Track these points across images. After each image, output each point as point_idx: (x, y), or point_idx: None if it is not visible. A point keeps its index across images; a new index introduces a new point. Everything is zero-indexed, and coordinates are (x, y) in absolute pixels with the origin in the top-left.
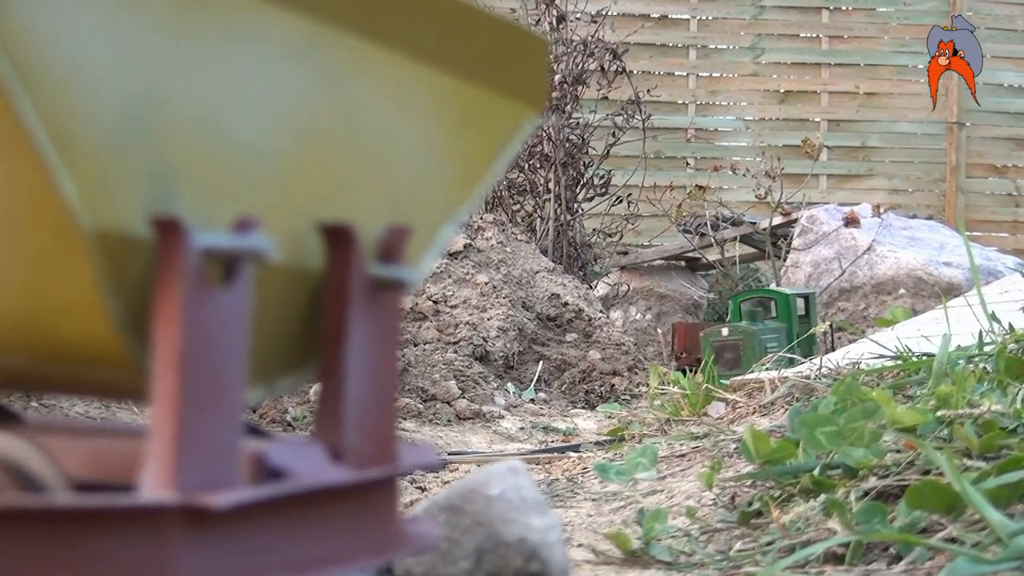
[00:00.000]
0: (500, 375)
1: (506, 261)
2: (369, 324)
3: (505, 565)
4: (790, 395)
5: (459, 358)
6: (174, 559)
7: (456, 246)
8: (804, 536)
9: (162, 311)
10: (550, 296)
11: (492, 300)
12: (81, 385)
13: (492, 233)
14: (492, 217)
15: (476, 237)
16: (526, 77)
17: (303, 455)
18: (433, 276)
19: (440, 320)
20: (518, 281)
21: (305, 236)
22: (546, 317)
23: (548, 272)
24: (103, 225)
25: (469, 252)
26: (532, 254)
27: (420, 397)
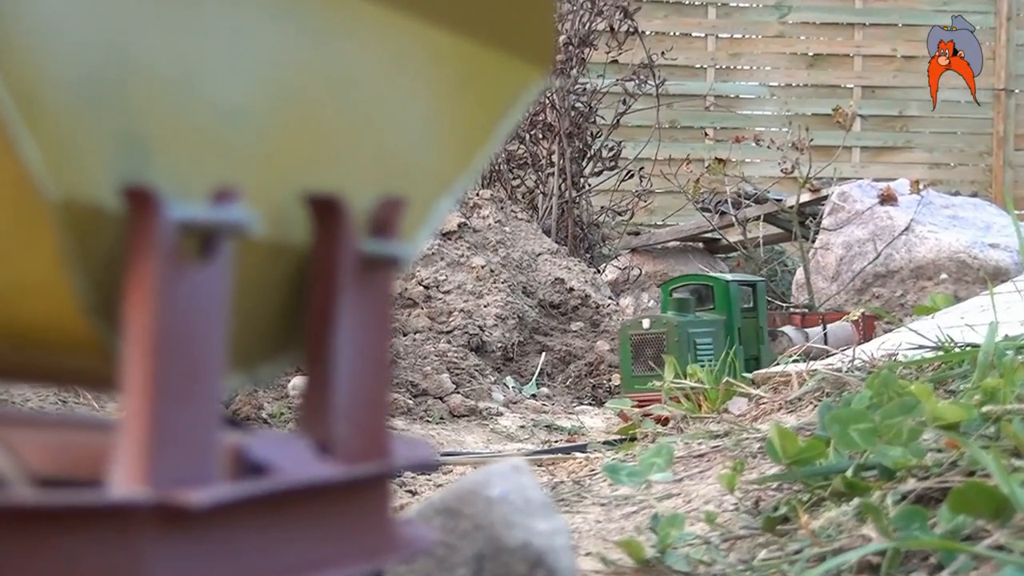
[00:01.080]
0: (498, 368)
1: (505, 242)
2: (359, 305)
3: (508, 573)
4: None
5: (453, 349)
6: (146, 562)
7: (450, 225)
8: (836, 544)
9: (133, 290)
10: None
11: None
12: (44, 373)
13: (489, 211)
14: (489, 193)
15: (472, 215)
16: (531, 35)
17: (287, 449)
18: (424, 259)
19: (432, 307)
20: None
21: (289, 208)
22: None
23: (551, 254)
24: (68, 195)
25: (464, 232)
26: (534, 234)
27: (410, 392)
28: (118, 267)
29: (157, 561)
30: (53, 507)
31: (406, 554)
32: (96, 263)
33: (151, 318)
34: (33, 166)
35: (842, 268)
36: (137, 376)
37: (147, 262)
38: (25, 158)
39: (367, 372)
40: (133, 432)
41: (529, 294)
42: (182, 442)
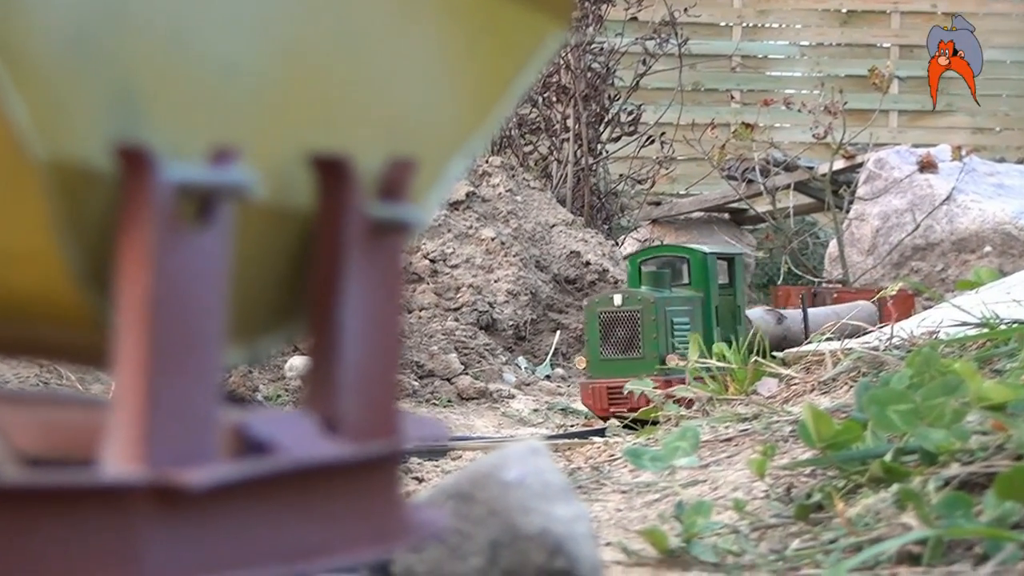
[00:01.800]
0: (510, 347)
1: (516, 213)
2: (368, 272)
3: (524, 562)
4: (855, 369)
5: (461, 327)
6: (142, 545)
7: (457, 195)
8: (874, 532)
9: (127, 257)
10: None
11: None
12: (30, 346)
13: (500, 179)
14: (500, 160)
15: (481, 184)
16: None
17: (291, 427)
18: (430, 230)
19: (439, 282)
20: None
21: (293, 170)
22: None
23: (566, 226)
24: (58, 155)
25: (473, 202)
26: (547, 204)
27: (415, 373)
28: (110, 232)
29: (153, 545)
30: (43, 488)
31: (416, 540)
32: (87, 228)
33: (146, 286)
34: (19, 124)
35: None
36: (131, 348)
37: (142, 226)
38: (10, 115)
39: (375, 344)
40: (127, 408)
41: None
42: (179, 418)
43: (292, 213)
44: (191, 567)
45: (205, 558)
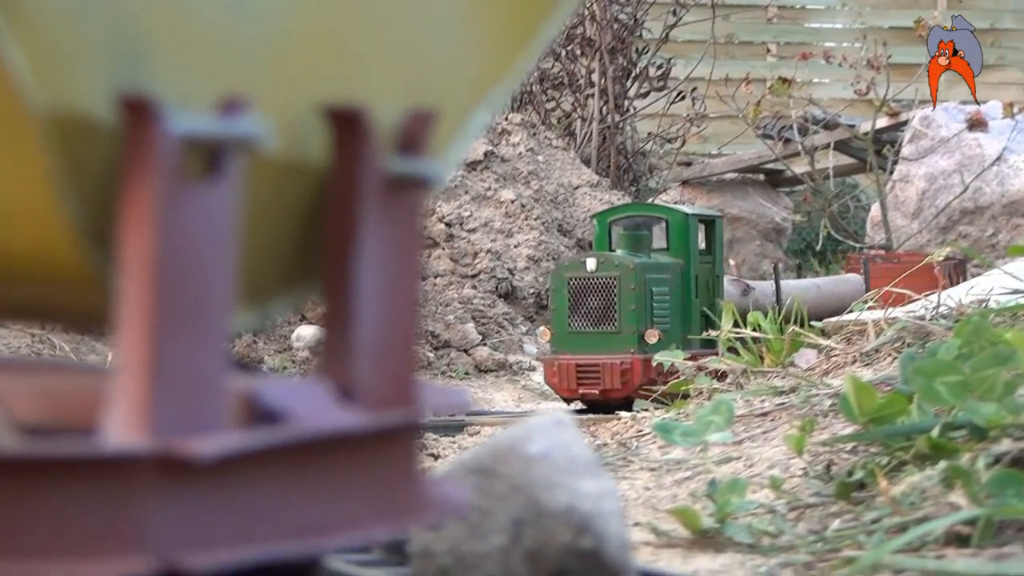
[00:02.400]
0: (530, 317)
1: (538, 173)
2: (385, 230)
3: (549, 540)
4: (900, 340)
5: (479, 295)
6: (145, 520)
7: (475, 154)
8: (919, 512)
9: (130, 213)
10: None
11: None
12: (28, 308)
13: (520, 138)
14: (520, 118)
15: (500, 143)
16: None
17: (304, 395)
18: (446, 192)
19: (455, 247)
20: (553, 199)
21: (306, 122)
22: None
23: (591, 187)
24: (58, 105)
25: (491, 162)
26: (571, 164)
27: (431, 344)
28: (113, 187)
29: (158, 519)
30: (41, 459)
31: (435, 517)
32: (88, 183)
33: (150, 244)
34: (16, 72)
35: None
36: (135, 310)
37: (146, 181)
38: (6, 63)
39: (392, 308)
40: (131, 374)
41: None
42: (186, 385)
43: (305, 168)
44: (197, 543)
45: (212, 534)
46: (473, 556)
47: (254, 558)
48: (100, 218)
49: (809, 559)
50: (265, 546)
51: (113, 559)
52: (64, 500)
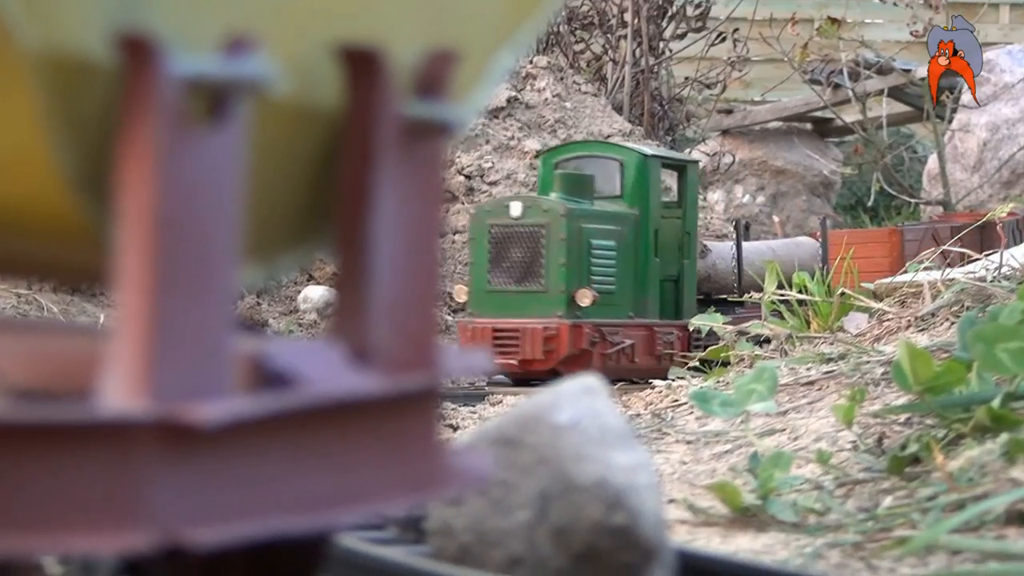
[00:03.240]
0: None
1: (565, 121)
2: (403, 179)
3: (578, 516)
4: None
5: None
6: (146, 490)
7: (497, 100)
8: (978, 489)
9: (129, 161)
10: None
11: None
12: (18, 264)
13: (546, 82)
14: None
15: (524, 88)
16: None
17: (315, 358)
18: (466, 142)
19: (475, 201)
20: None
21: (318, 63)
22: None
23: (623, 137)
24: (50, 45)
25: (515, 108)
26: (601, 111)
27: (447, 307)
28: (110, 134)
29: (160, 490)
30: (33, 424)
31: (456, 490)
32: (84, 128)
33: (151, 195)
34: (6, 8)
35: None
36: (134, 266)
37: (146, 126)
38: None
39: (412, 262)
40: (130, 334)
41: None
42: (189, 346)
43: (316, 113)
44: (201, 516)
45: (217, 506)
46: (496, 533)
47: (262, 533)
48: (96, 167)
49: (858, 539)
50: (273, 520)
51: (112, 533)
52: (58, 469)
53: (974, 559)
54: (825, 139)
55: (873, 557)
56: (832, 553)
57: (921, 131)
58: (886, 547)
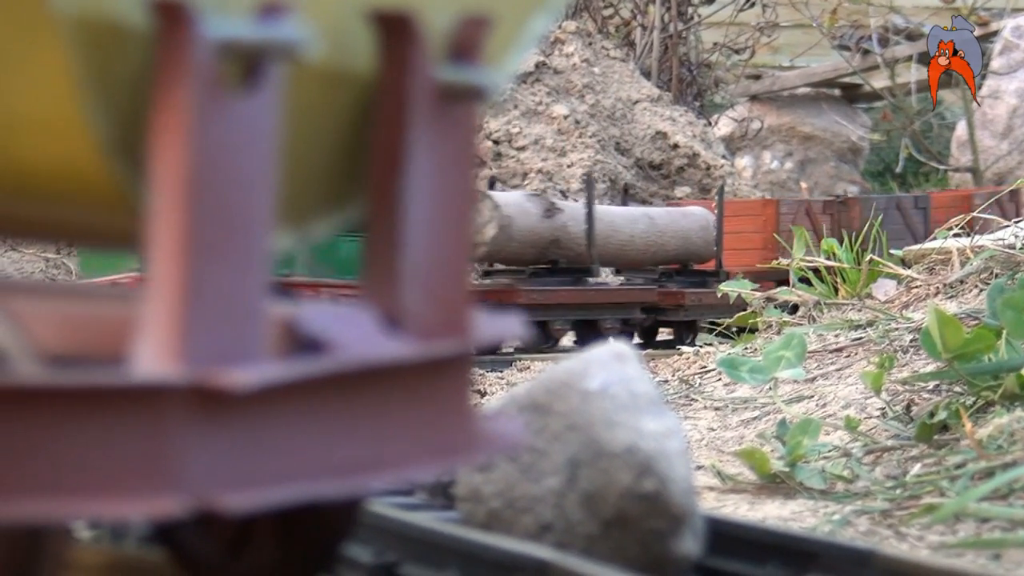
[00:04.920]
0: None
1: (593, 87)
2: (436, 144)
3: (608, 483)
4: (987, 270)
5: None
6: (178, 454)
7: (525, 65)
8: (1008, 456)
9: (163, 124)
10: (654, 135)
11: (574, 140)
12: (52, 228)
13: (575, 48)
14: (575, 26)
15: (553, 53)
16: None
17: (348, 322)
18: (494, 107)
19: (503, 167)
20: (610, 114)
21: (351, 28)
22: (648, 164)
23: (651, 102)
24: (85, 8)
25: (543, 74)
26: (629, 77)
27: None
28: (144, 97)
29: (193, 455)
30: (67, 388)
31: (487, 455)
32: (117, 92)
33: (184, 159)
34: None
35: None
36: (167, 230)
37: (180, 90)
38: None
39: (444, 227)
40: (163, 299)
41: (623, 151)
42: (222, 311)
43: (350, 77)
44: (234, 481)
45: (249, 471)
46: (525, 499)
47: (294, 498)
48: (130, 131)
49: (887, 506)
50: (306, 485)
51: (145, 497)
52: (91, 434)
53: (1003, 527)
54: (853, 105)
55: (901, 524)
56: (860, 520)
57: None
58: (914, 514)
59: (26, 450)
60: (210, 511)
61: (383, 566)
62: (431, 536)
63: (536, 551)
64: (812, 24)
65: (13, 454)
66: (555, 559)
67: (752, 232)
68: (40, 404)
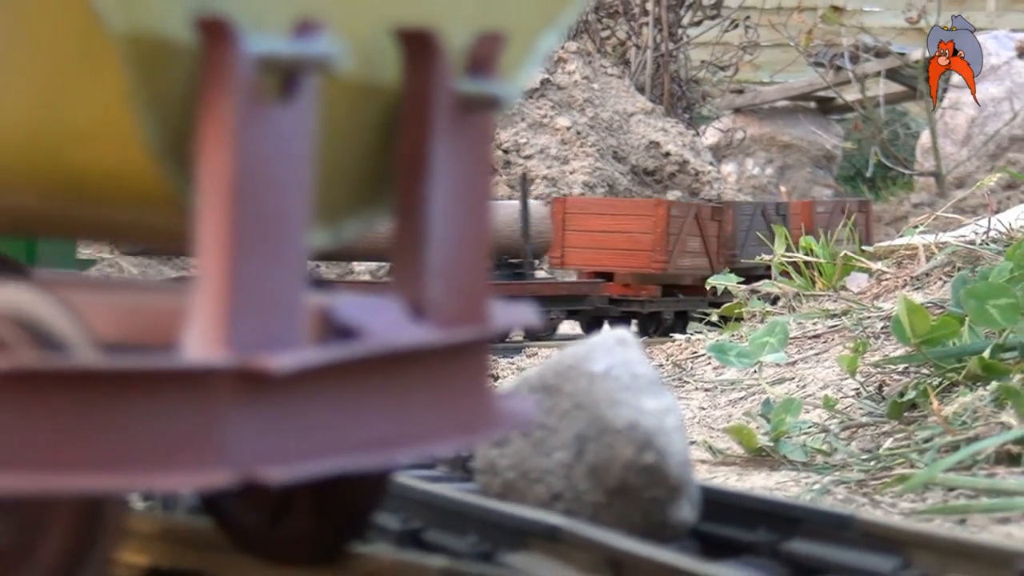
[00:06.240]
0: None
1: (593, 101)
2: (456, 150)
3: (612, 456)
4: (950, 264)
5: None
6: (225, 432)
7: (531, 82)
8: (970, 431)
9: (208, 133)
10: (648, 144)
11: (575, 149)
12: (106, 228)
13: (576, 66)
14: (576, 46)
15: (556, 71)
16: None
17: (378, 311)
18: (503, 120)
19: (512, 173)
20: (608, 126)
21: (378, 44)
22: (643, 171)
23: (645, 114)
24: (136, 27)
25: (547, 89)
26: (625, 92)
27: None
28: (191, 108)
29: (236, 430)
30: (122, 371)
31: (504, 431)
32: (166, 103)
33: (228, 162)
34: None
35: (973, 131)
36: (213, 228)
37: (223, 101)
38: None
39: (464, 225)
40: (209, 291)
41: (620, 159)
42: (263, 302)
43: (378, 88)
44: (274, 456)
45: (287, 446)
46: (537, 471)
47: (328, 470)
48: (178, 139)
49: (862, 477)
50: (339, 459)
51: (194, 471)
52: (145, 414)
53: (967, 495)
54: (828, 116)
55: (875, 493)
56: (838, 489)
57: (914, 109)
58: (887, 484)
59: (88, 429)
60: (253, 483)
61: (409, 532)
62: (452, 505)
63: (548, 518)
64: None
65: (77, 433)
66: (565, 525)
67: (642, 233)
68: (100, 387)
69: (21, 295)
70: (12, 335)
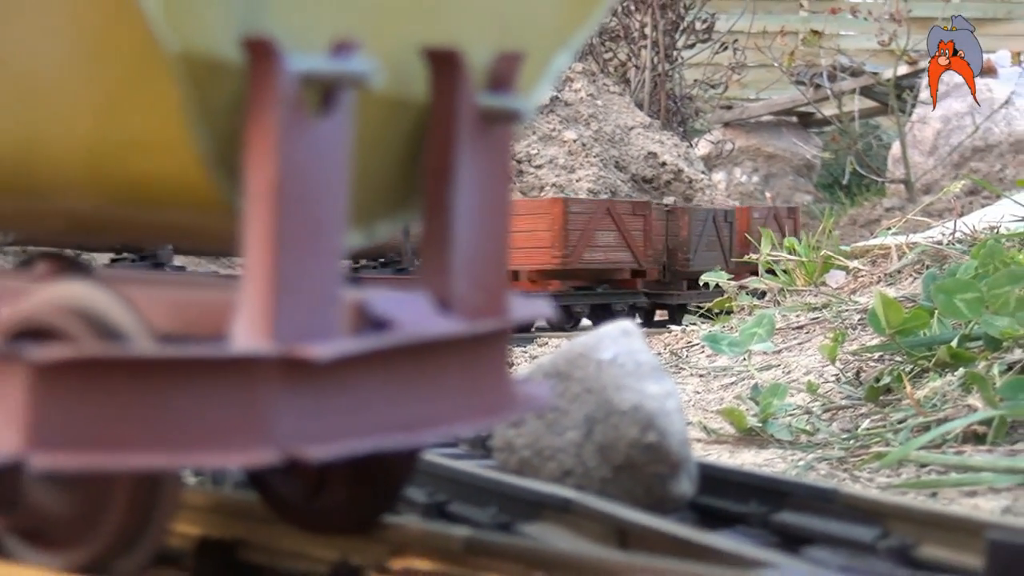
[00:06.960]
0: None
1: (597, 116)
2: (478, 159)
3: (618, 436)
4: (919, 262)
5: None
6: (270, 414)
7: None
8: (940, 413)
9: (254, 143)
10: (646, 155)
11: (581, 159)
12: (161, 231)
13: (581, 84)
14: (581, 67)
15: (564, 89)
16: None
17: (408, 305)
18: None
19: (524, 182)
20: (610, 138)
21: (408, 62)
22: (642, 179)
23: (644, 128)
24: (188, 47)
25: (556, 106)
26: (626, 108)
27: None
28: (238, 120)
29: (281, 413)
30: (176, 360)
31: (522, 414)
32: (216, 117)
33: (273, 170)
34: (153, 18)
35: (939, 142)
36: (259, 230)
37: (268, 114)
38: (144, 10)
39: (486, 228)
40: (255, 286)
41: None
42: (305, 296)
43: (408, 103)
44: (315, 436)
45: (328, 427)
46: (550, 449)
47: (363, 449)
48: (227, 148)
49: (842, 454)
50: (373, 439)
51: (240, 450)
52: (196, 398)
53: (938, 471)
54: (808, 129)
55: (855, 469)
56: (821, 466)
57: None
58: (865, 461)
59: (146, 412)
60: (295, 460)
61: (435, 504)
62: (474, 479)
63: (560, 491)
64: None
65: (136, 415)
66: (576, 498)
67: (542, 231)
68: (156, 374)
69: (85, 291)
70: (77, 328)
